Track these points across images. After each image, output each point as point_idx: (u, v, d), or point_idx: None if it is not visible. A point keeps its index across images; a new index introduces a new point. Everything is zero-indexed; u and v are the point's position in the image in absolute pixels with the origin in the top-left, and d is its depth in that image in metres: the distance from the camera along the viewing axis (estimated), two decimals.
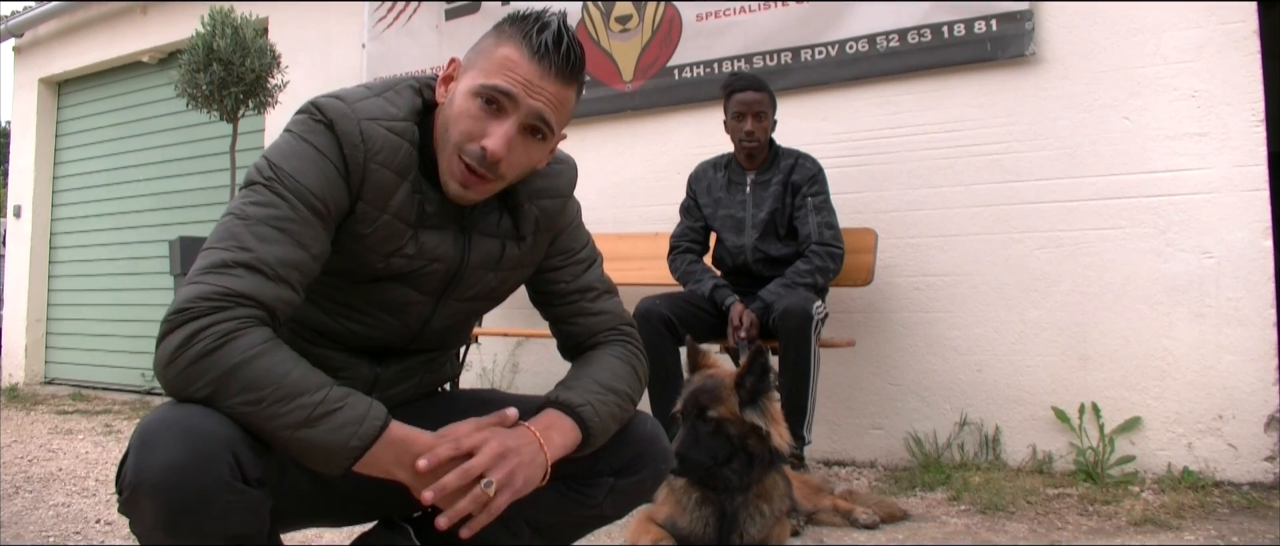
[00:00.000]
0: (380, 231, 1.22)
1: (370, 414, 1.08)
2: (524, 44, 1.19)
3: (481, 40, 1.26)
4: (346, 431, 1.06)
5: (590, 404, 1.28)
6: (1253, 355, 2.88)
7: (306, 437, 1.04)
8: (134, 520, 1.04)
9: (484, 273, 1.34)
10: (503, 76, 1.19)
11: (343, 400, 1.07)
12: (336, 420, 1.05)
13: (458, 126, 1.20)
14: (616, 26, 4.22)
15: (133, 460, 1.01)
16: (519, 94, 1.19)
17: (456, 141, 1.20)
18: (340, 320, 1.30)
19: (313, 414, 1.04)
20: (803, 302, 2.87)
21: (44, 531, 2.56)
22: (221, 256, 1.09)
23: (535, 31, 1.19)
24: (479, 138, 1.19)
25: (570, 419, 1.26)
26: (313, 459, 1.07)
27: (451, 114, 1.22)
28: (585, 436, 1.26)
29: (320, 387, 1.06)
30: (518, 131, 1.21)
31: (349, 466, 1.08)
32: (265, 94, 4.75)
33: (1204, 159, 2.97)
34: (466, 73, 1.24)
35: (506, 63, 1.19)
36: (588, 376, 1.34)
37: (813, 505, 2.51)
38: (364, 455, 1.07)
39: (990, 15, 3.31)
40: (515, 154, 1.22)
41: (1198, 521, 2.50)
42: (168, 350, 1.03)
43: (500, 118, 1.20)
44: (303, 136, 1.18)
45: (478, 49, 1.25)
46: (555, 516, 1.35)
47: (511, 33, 1.21)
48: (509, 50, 1.20)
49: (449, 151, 1.22)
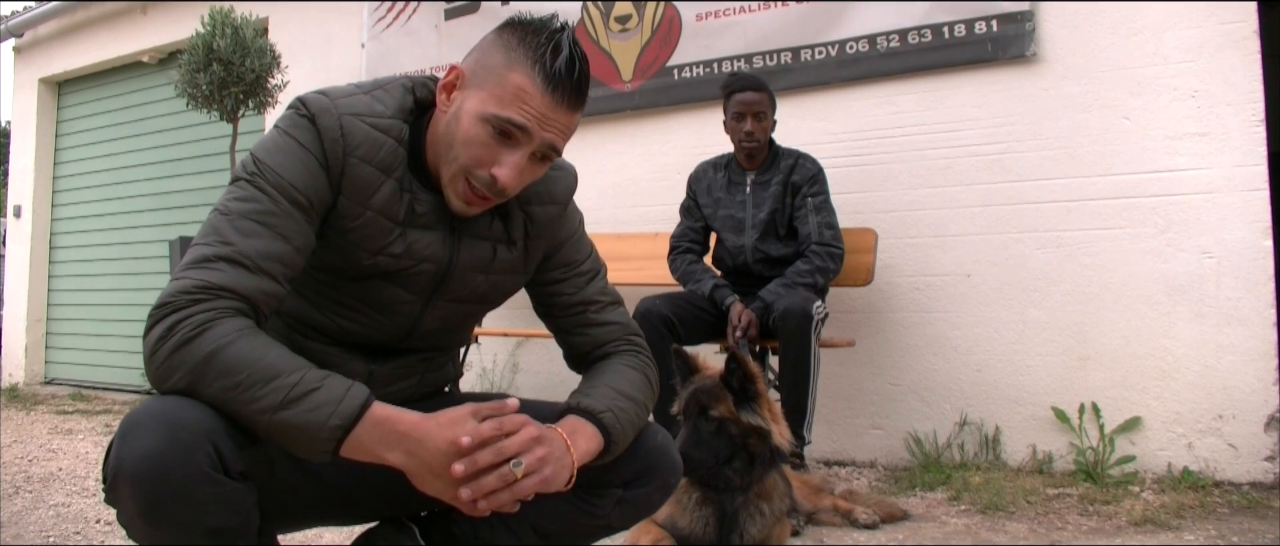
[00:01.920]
0: (365, 228, 1.22)
1: (350, 393, 1.06)
2: (536, 71, 1.16)
3: (487, 52, 1.21)
4: (325, 411, 1.04)
5: (611, 411, 1.26)
6: (1253, 355, 2.88)
7: (285, 420, 1.03)
8: (118, 511, 1.04)
9: (474, 275, 1.33)
10: (517, 110, 1.17)
11: (320, 381, 1.06)
12: (315, 400, 1.04)
13: (467, 151, 1.19)
14: (616, 26, 4.22)
15: (114, 450, 1.02)
16: (532, 128, 1.17)
17: (465, 165, 1.20)
18: (332, 316, 1.30)
19: (289, 395, 1.03)
20: (803, 302, 2.87)
21: (44, 531, 2.56)
22: (204, 251, 1.10)
23: (548, 56, 1.16)
24: (489, 165, 1.19)
25: (593, 425, 1.24)
26: (295, 443, 1.05)
27: (458, 134, 1.20)
28: (607, 443, 1.25)
29: (296, 369, 1.05)
30: (527, 160, 1.21)
31: (332, 449, 1.05)
32: (265, 94, 4.75)
33: (1204, 159, 2.97)
34: (474, 90, 1.20)
35: (520, 94, 1.17)
36: (605, 383, 1.32)
37: (813, 505, 2.51)
38: (347, 436, 1.05)
39: (990, 15, 3.31)
40: (522, 178, 1.22)
41: (1198, 521, 2.50)
42: (150, 343, 1.05)
43: (511, 147, 1.19)
44: (286, 131, 1.20)
45: (485, 65, 1.20)
46: (560, 524, 1.34)
47: (522, 56, 1.17)
48: (521, 78, 1.17)
49: (455, 171, 1.21)
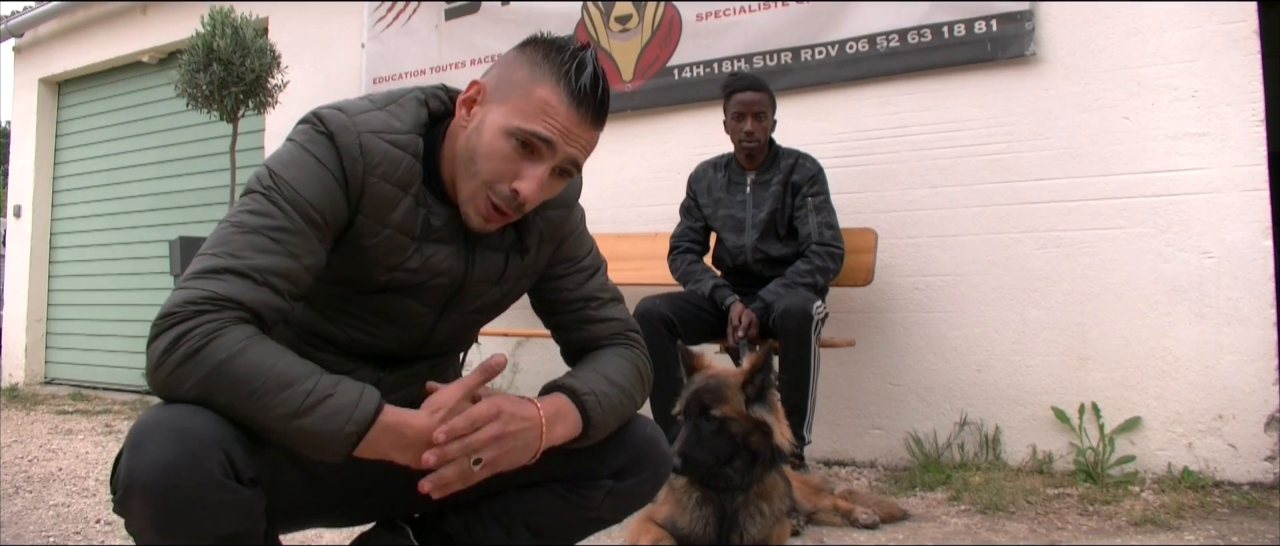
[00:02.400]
0: (383, 245, 1.22)
1: (363, 398, 1.08)
2: (562, 87, 1.17)
3: (510, 68, 1.22)
4: (340, 418, 1.06)
5: (595, 395, 1.29)
6: (1253, 355, 2.88)
7: (301, 427, 1.04)
8: (127, 520, 1.04)
9: (488, 286, 1.34)
10: (542, 123, 1.17)
11: (334, 387, 1.07)
12: (329, 407, 1.05)
13: (489, 165, 1.19)
14: (616, 26, 4.22)
15: (125, 460, 1.01)
16: (557, 142, 1.18)
17: (486, 179, 1.20)
18: (343, 327, 1.30)
19: (304, 403, 1.04)
20: (803, 302, 2.87)
21: (44, 531, 2.56)
22: (211, 262, 1.09)
23: (573, 73, 1.18)
24: (511, 179, 1.19)
25: (574, 409, 1.27)
26: (309, 448, 1.07)
27: (480, 148, 1.20)
28: (586, 429, 1.27)
29: (309, 376, 1.06)
30: (549, 174, 1.21)
31: (347, 453, 1.08)
32: (265, 94, 4.75)
33: (1204, 159, 2.97)
34: (497, 104, 1.21)
35: (545, 108, 1.17)
36: (595, 369, 1.35)
37: (813, 505, 2.51)
38: (361, 441, 1.07)
39: (990, 15, 3.31)
40: (542, 193, 1.23)
41: (1198, 521, 2.50)
42: (155, 354, 1.04)
43: (535, 161, 1.19)
44: (304, 146, 1.18)
45: (509, 80, 1.21)
46: (553, 519, 1.35)
47: (547, 71, 1.18)
48: (546, 93, 1.18)
49: (476, 187, 1.21)
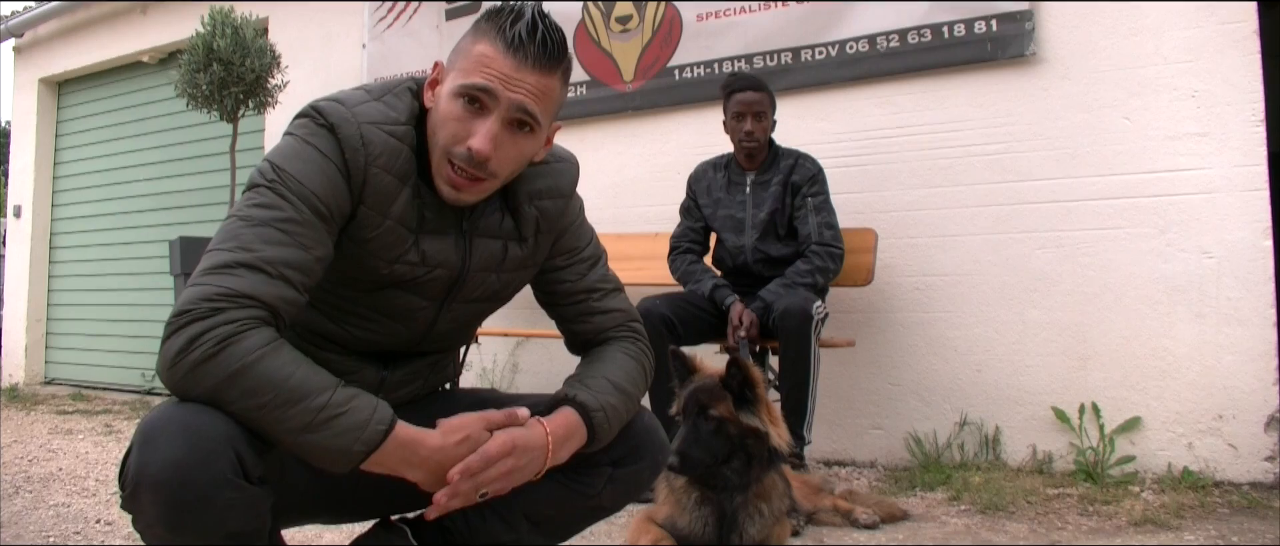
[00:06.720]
0: (383, 237, 1.22)
1: (374, 418, 1.08)
2: (499, 38, 1.19)
3: (460, 41, 1.25)
4: (350, 437, 1.06)
5: (604, 411, 1.29)
6: (1253, 355, 2.88)
7: (310, 442, 1.05)
8: (135, 517, 1.04)
9: (487, 275, 1.34)
10: (480, 73, 1.18)
11: (347, 404, 1.07)
12: (340, 425, 1.05)
13: (444, 129, 1.20)
14: (617, 27, 4.22)
15: (134, 457, 1.01)
16: (497, 89, 1.18)
17: (444, 144, 1.20)
18: (346, 326, 1.30)
19: (316, 419, 1.04)
20: (803, 302, 2.87)
21: (44, 531, 2.56)
22: (223, 257, 1.08)
23: (509, 24, 1.19)
24: (464, 139, 1.19)
25: (583, 424, 1.28)
26: (317, 461, 1.07)
27: (438, 118, 1.22)
28: (590, 442, 1.29)
29: (324, 390, 1.06)
30: (502, 127, 1.20)
31: (354, 467, 1.09)
32: (265, 94, 4.75)
33: (1204, 159, 2.97)
34: (449, 74, 1.23)
35: (483, 59, 1.19)
36: (602, 375, 1.34)
37: (813, 505, 2.51)
38: (369, 458, 1.08)
39: (990, 15, 3.31)
40: (503, 151, 1.21)
41: (1198, 521, 2.50)
42: (169, 354, 1.03)
43: (483, 116, 1.19)
44: (305, 139, 1.18)
45: (457, 50, 1.24)
46: (553, 509, 1.35)
47: (486, 29, 1.21)
48: (484, 47, 1.19)
49: (438, 157, 1.22)
